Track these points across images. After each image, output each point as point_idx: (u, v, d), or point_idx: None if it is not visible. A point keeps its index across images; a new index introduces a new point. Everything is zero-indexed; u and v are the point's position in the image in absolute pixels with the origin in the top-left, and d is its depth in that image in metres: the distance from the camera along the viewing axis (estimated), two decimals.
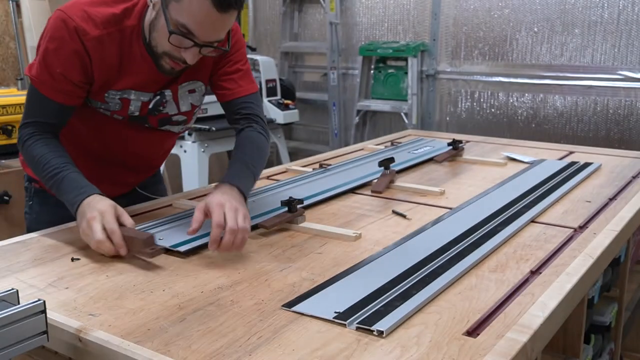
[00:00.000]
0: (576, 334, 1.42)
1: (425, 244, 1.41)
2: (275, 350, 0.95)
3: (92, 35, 1.40)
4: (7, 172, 2.85)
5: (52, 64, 1.42)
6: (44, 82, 1.43)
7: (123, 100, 1.51)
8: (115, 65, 1.46)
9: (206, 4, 1.30)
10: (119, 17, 1.43)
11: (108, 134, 1.59)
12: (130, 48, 1.46)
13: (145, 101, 1.54)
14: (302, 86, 4.95)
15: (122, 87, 1.49)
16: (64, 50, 1.40)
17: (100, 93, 1.49)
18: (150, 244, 1.30)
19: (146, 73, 1.49)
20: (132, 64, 1.47)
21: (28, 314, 0.88)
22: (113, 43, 1.44)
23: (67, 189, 1.38)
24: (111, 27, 1.42)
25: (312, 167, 2.19)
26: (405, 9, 4.26)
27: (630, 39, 3.49)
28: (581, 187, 1.95)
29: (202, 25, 1.33)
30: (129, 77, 1.48)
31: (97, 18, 1.41)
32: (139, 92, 1.51)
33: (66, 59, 1.41)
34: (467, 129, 4.09)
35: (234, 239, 1.30)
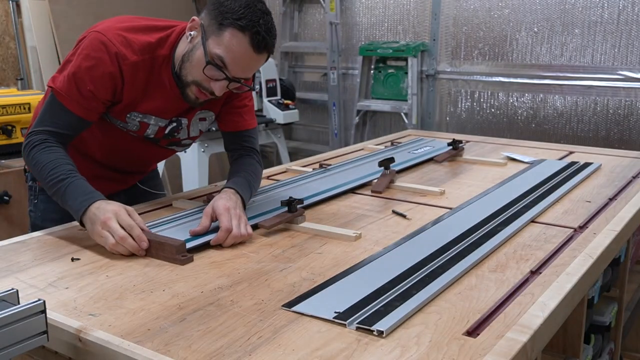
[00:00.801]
0: (576, 334, 1.42)
1: (425, 244, 1.41)
2: (275, 350, 0.95)
3: (130, 60, 1.49)
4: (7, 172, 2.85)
5: (83, 80, 1.48)
6: (71, 96, 1.48)
7: (142, 124, 1.60)
8: (142, 90, 1.55)
9: (245, 43, 1.43)
10: (154, 45, 1.52)
11: (116, 144, 1.67)
12: (160, 75, 1.55)
13: (162, 126, 1.63)
14: (302, 86, 4.95)
15: (144, 111, 1.58)
16: (99, 70, 1.47)
17: (123, 113, 1.57)
18: (182, 251, 1.33)
19: (170, 100, 1.58)
20: (159, 91, 1.56)
21: (28, 314, 0.88)
22: (145, 70, 1.52)
23: (72, 195, 1.41)
24: (146, 55, 1.51)
25: (312, 167, 2.20)
26: (405, 9, 4.26)
27: (630, 39, 3.49)
28: (581, 187, 1.95)
29: (237, 61, 1.45)
30: (153, 102, 1.57)
31: (135, 45, 1.50)
32: (158, 118, 1.61)
33: (100, 78, 1.48)
34: (467, 129, 4.09)
35: (233, 242, 1.42)
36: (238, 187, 1.56)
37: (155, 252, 1.35)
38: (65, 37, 4.12)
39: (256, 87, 4.06)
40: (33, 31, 4.15)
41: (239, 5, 1.42)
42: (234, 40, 1.42)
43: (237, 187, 1.56)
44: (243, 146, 1.74)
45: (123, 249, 1.34)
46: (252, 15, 1.42)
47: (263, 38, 1.43)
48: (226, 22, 1.42)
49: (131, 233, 1.34)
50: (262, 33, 1.43)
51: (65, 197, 1.42)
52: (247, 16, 1.41)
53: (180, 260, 1.32)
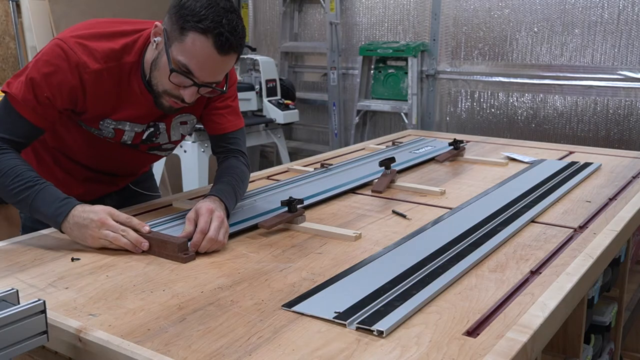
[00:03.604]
0: (576, 334, 1.42)
1: (425, 244, 1.41)
2: (275, 350, 0.95)
3: (92, 69, 1.42)
4: None
5: (40, 87, 1.41)
6: (26, 101, 1.42)
7: (117, 130, 1.55)
8: (112, 99, 1.49)
9: (208, 46, 1.34)
10: (118, 52, 1.45)
11: (98, 150, 1.62)
12: (129, 83, 1.49)
13: (139, 132, 1.58)
14: (302, 86, 4.95)
15: (119, 119, 1.52)
16: (57, 77, 1.41)
17: (95, 121, 1.52)
18: (184, 249, 1.33)
19: (144, 107, 1.52)
20: (130, 99, 1.50)
21: (28, 314, 0.88)
22: (111, 77, 1.46)
23: (44, 202, 1.36)
24: (111, 62, 1.45)
25: (314, 167, 2.20)
26: (405, 9, 4.26)
27: (630, 39, 3.49)
28: (581, 187, 1.95)
29: (202, 66, 1.37)
30: (126, 111, 1.52)
31: (97, 52, 1.43)
32: (133, 124, 1.55)
33: (58, 86, 1.42)
34: (467, 129, 4.09)
35: (209, 247, 1.36)
36: (222, 195, 1.50)
37: (157, 250, 1.36)
38: None
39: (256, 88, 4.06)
40: (33, 31, 4.15)
41: (200, 5, 1.33)
42: (197, 45, 1.34)
43: (221, 195, 1.50)
44: (229, 149, 1.69)
45: (127, 242, 1.34)
46: (214, 15, 1.33)
47: (227, 39, 1.34)
48: (187, 26, 1.33)
49: (131, 226, 1.35)
50: (226, 34, 1.33)
51: (35, 204, 1.36)
52: (209, 17, 1.32)
53: (183, 258, 1.32)
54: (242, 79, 4.16)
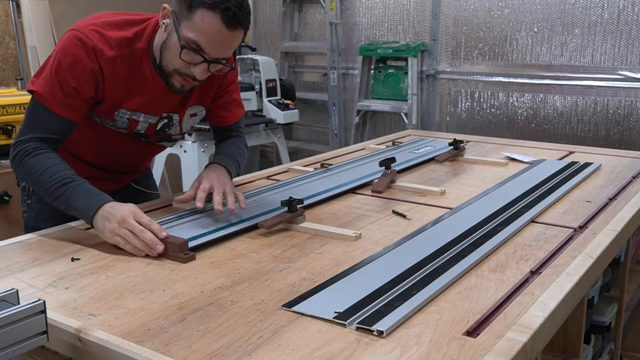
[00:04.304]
0: (576, 334, 1.42)
1: (425, 244, 1.41)
2: (275, 350, 0.95)
3: (108, 55, 1.47)
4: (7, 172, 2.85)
5: (65, 78, 1.45)
6: (54, 96, 1.46)
7: (131, 121, 1.59)
8: (125, 85, 1.53)
9: (217, 22, 1.38)
10: (130, 40, 1.51)
11: (106, 143, 1.66)
12: (141, 69, 1.53)
13: (153, 123, 1.62)
14: (302, 86, 4.95)
15: (132, 107, 1.56)
16: (79, 66, 1.45)
17: (110, 111, 1.56)
18: (184, 249, 1.34)
19: (156, 92, 1.56)
20: (142, 84, 1.55)
21: (28, 314, 0.88)
22: (124, 64, 1.51)
23: (80, 197, 1.41)
24: (124, 49, 1.50)
25: (313, 167, 2.19)
26: (405, 9, 4.26)
27: (630, 39, 3.49)
28: (581, 187, 1.95)
29: (212, 41, 1.41)
30: (139, 97, 1.56)
31: (111, 40, 1.48)
32: (147, 115, 1.59)
33: (81, 74, 1.46)
34: (467, 129, 4.09)
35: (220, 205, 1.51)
36: (224, 162, 1.66)
37: None
38: None
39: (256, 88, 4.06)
40: (33, 31, 4.15)
41: None
42: (205, 21, 1.38)
43: (223, 162, 1.66)
44: (231, 135, 1.82)
45: (138, 244, 1.34)
46: None
47: (234, 14, 1.38)
48: (195, 3, 1.38)
49: (150, 229, 1.36)
50: (233, 8, 1.37)
51: (71, 199, 1.41)
52: None
53: (183, 258, 1.32)
54: (242, 79, 4.16)
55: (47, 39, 4.18)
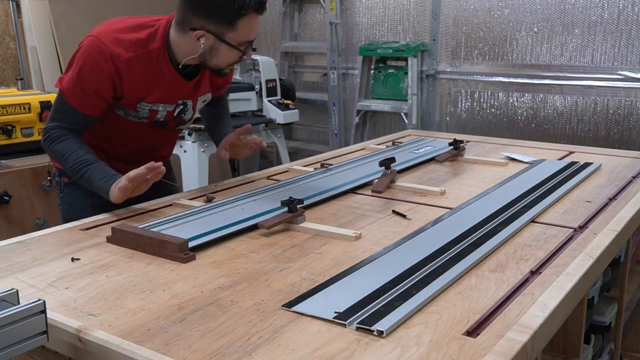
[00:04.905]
0: (576, 334, 1.42)
1: (425, 244, 1.41)
2: (275, 350, 0.95)
3: (123, 58, 1.65)
4: (7, 172, 2.85)
5: (85, 82, 1.65)
6: (75, 95, 1.66)
7: (152, 111, 1.77)
8: (144, 82, 1.70)
9: (254, 17, 1.64)
10: (145, 41, 1.68)
11: (128, 134, 1.83)
12: (158, 66, 1.71)
13: (170, 110, 1.80)
14: (302, 86, 4.95)
15: (153, 100, 1.74)
16: (98, 70, 1.64)
17: (133, 104, 1.73)
18: (184, 249, 1.34)
19: (171, 85, 1.75)
20: (160, 79, 1.72)
21: (28, 314, 0.88)
22: (141, 64, 1.68)
23: (97, 177, 1.63)
24: (140, 50, 1.67)
25: (313, 167, 2.19)
26: (405, 9, 4.26)
27: (630, 39, 3.49)
28: (581, 187, 1.95)
29: (254, 31, 1.69)
30: (158, 90, 1.73)
31: (126, 43, 1.66)
32: (166, 105, 1.78)
33: (100, 78, 1.64)
34: (467, 129, 4.09)
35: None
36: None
37: (157, 250, 1.36)
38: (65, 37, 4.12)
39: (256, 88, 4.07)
40: (33, 31, 4.15)
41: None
42: (248, 23, 1.63)
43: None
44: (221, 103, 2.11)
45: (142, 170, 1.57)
46: None
47: (262, 3, 1.62)
48: (235, 18, 1.60)
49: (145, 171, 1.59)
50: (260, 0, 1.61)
51: (91, 178, 1.63)
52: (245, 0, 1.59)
53: (183, 258, 1.32)
54: (242, 79, 4.16)
55: (47, 39, 4.18)
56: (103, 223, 1.59)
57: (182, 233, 1.44)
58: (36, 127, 3.10)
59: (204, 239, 1.42)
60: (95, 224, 1.59)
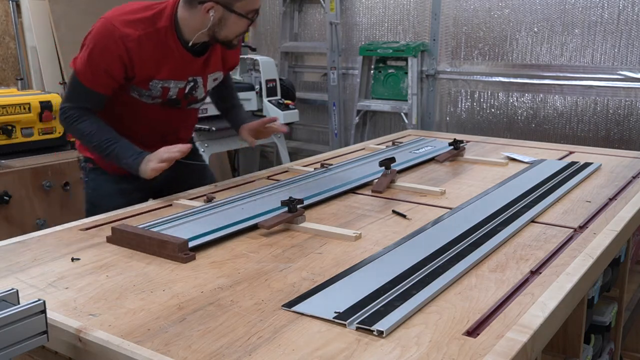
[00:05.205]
0: (576, 334, 1.42)
1: (425, 244, 1.41)
2: (275, 350, 0.95)
3: (133, 37, 1.73)
4: (7, 172, 2.85)
5: (97, 62, 1.73)
6: (87, 75, 1.75)
7: (164, 88, 1.85)
8: (154, 59, 1.78)
9: None
10: (151, 19, 1.77)
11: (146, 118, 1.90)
12: (166, 43, 1.79)
13: (182, 87, 1.88)
14: (302, 86, 4.94)
15: (163, 77, 1.82)
16: (108, 52, 1.72)
17: (145, 83, 1.81)
18: (184, 249, 1.35)
19: (181, 61, 1.83)
20: (169, 56, 1.80)
21: (28, 314, 0.88)
22: (150, 41, 1.76)
23: (125, 154, 1.76)
24: (148, 28, 1.76)
25: (313, 167, 2.20)
26: (405, 9, 4.26)
27: (630, 39, 3.49)
28: (581, 187, 1.95)
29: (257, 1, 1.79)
30: (167, 67, 1.81)
31: (135, 22, 1.75)
32: (176, 81, 1.86)
33: (110, 59, 1.73)
34: (467, 129, 4.09)
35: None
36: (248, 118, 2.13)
37: (157, 249, 1.36)
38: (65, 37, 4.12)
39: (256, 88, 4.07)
40: (33, 31, 4.15)
41: None
42: None
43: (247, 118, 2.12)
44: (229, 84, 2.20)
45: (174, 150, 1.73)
46: None
47: None
48: None
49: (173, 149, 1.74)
50: None
51: (118, 155, 1.76)
52: None
53: (183, 258, 1.32)
54: (242, 79, 4.16)
55: (47, 39, 4.18)
56: (103, 223, 1.59)
57: (182, 233, 1.44)
58: (36, 127, 3.10)
59: (204, 239, 1.42)
60: (95, 224, 1.59)
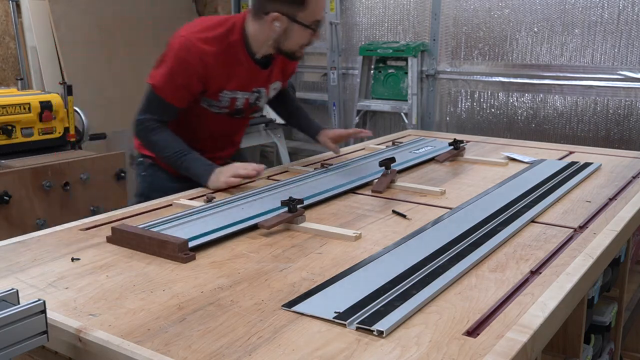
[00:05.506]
0: (576, 334, 1.42)
1: (425, 244, 1.41)
2: (275, 350, 0.95)
3: (210, 53, 1.86)
4: (7, 172, 2.85)
5: (177, 78, 1.87)
6: (166, 90, 1.88)
7: (232, 99, 1.98)
8: (226, 73, 1.91)
9: None
10: (225, 35, 1.90)
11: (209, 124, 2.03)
12: (236, 56, 1.92)
13: (247, 97, 2.02)
14: (302, 86, 4.95)
15: (232, 88, 1.96)
16: (189, 68, 1.85)
17: (216, 94, 1.95)
18: (184, 249, 1.35)
19: (249, 73, 1.97)
20: (238, 68, 1.94)
21: (28, 314, 0.88)
22: (224, 55, 1.89)
23: (195, 165, 1.90)
24: (223, 44, 1.89)
25: (313, 167, 2.20)
26: (405, 9, 4.26)
27: (630, 39, 3.49)
28: (581, 187, 1.95)
29: (322, 10, 1.91)
30: (237, 79, 1.95)
31: (211, 39, 1.87)
32: (243, 92, 2.00)
33: (189, 75, 1.86)
34: (467, 129, 4.09)
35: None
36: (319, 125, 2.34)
37: (157, 250, 1.36)
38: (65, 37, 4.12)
39: None
40: (33, 31, 4.15)
41: None
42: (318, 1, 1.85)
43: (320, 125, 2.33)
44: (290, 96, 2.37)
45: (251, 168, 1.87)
46: None
47: None
48: None
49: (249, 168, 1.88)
50: None
51: (189, 166, 1.90)
52: None
53: (183, 258, 1.32)
54: None
55: (47, 39, 4.18)
56: (103, 223, 1.59)
57: (182, 233, 1.44)
58: (36, 127, 3.10)
59: (204, 239, 1.42)
60: (95, 224, 1.59)
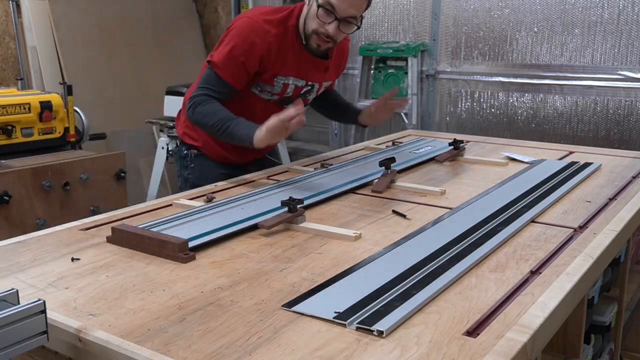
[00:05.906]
0: (576, 334, 1.42)
1: (425, 244, 1.41)
2: (275, 350, 0.95)
3: (273, 33, 1.93)
4: (7, 172, 2.85)
5: (237, 55, 1.91)
6: (224, 67, 1.93)
7: (284, 85, 2.03)
8: (282, 57, 1.97)
9: None
10: (284, 19, 1.97)
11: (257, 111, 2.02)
12: (291, 41, 1.98)
13: (299, 86, 2.07)
14: None
15: (285, 74, 2.01)
16: (250, 44, 1.90)
17: (271, 79, 2.00)
18: (184, 249, 1.34)
19: (301, 59, 2.01)
20: (291, 54, 1.99)
21: (28, 314, 0.88)
22: (283, 39, 1.95)
23: (241, 128, 1.88)
24: (282, 27, 1.96)
25: (313, 167, 2.20)
26: (405, 9, 4.26)
27: (630, 39, 3.49)
28: (581, 187, 1.95)
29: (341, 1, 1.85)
30: (289, 65, 2.00)
31: (274, 21, 1.95)
32: (295, 79, 2.05)
33: (251, 53, 1.91)
34: (467, 129, 4.09)
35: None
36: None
37: (157, 249, 1.36)
38: (65, 37, 4.12)
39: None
40: (33, 31, 4.16)
41: None
42: None
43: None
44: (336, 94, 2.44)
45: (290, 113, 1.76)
46: None
47: None
48: None
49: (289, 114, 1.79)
50: None
51: (235, 129, 1.88)
52: None
53: (183, 258, 1.32)
54: None
55: (47, 39, 4.18)
56: (103, 223, 1.59)
57: (182, 233, 1.44)
58: (36, 127, 3.10)
59: (204, 239, 1.42)
60: (95, 224, 1.59)
